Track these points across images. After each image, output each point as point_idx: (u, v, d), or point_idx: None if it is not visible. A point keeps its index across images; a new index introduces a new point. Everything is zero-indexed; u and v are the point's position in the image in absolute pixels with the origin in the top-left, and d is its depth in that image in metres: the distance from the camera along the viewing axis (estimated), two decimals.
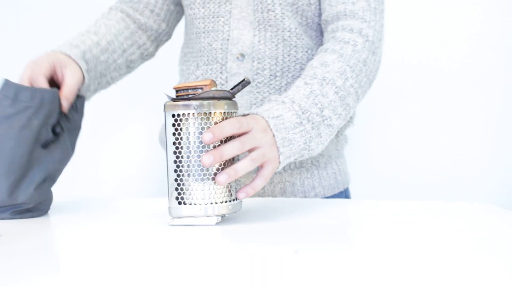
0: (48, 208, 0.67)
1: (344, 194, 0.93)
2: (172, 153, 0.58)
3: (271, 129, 0.63)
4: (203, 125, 0.57)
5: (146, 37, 0.92)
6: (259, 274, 0.42)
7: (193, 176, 0.57)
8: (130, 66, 0.91)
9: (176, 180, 0.58)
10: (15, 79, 0.67)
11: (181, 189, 0.58)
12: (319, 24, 0.85)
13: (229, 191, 0.59)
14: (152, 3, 0.90)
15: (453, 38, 1.37)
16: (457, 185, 1.39)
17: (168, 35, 0.96)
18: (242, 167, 0.59)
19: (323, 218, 0.65)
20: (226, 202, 0.59)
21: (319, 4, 0.83)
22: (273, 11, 0.81)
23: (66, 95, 0.69)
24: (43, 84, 0.67)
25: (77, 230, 0.59)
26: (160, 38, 0.95)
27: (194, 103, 0.57)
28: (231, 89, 0.61)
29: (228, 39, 0.82)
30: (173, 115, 0.58)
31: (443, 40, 1.37)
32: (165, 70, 1.11)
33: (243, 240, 0.55)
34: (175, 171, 0.58)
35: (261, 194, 0.84)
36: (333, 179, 0.90)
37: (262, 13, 0.81)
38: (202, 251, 0.50)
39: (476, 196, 1.35)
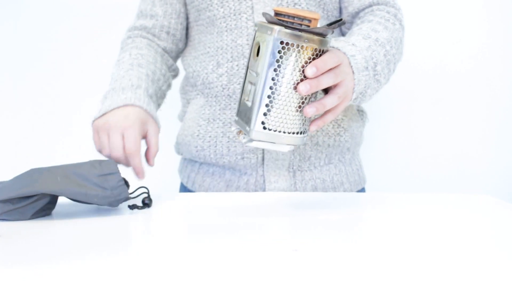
0: (53, 207, 0.67)
1: (363, 191, 0.94)
2: (270, 79, 0.58)
3: (351, 66, 0.67)
4: (306, 59, 0.59)
5: (171, 58, 0.93)
6: (257, 274, 0.42)
7: (283, 104, 0.59)
8: (167, 90, 0.91)
9: (267, 105, 0.59)
10: (13, 75, 0.66)
11: (270, 115, 0.59)
12: (335, 16, 0.87)
13: (303, 124, 0.62)
14: (166, 25, 0.90)
15: (465, 38, 1.37)
16: (460, 184, 1.39)
17: (183, 50, 0.96)
18: (329, 102, 0.62)
19: (325, 213, 0.65)
20: (300, 133, 0.62)
21: None
22: (299, 5, 0.82)
23: (153, 154, 0.73)
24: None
25: (78, 230, 0.58)
26: (179, 55, 0.96)
27: (305, 35, 0.58)
28: (329, 25, 0.60)
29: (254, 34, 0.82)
30: (281, 42, 0.58)
31: (450, 40, 1.37)
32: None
33: (242, 237, 0.55)
34: (269, 96, 0.59)
35: (293, 191, 0.84)
36: (357, 175, 0.92)
37: (287, 6, 0.82)
38: (202, 249, 0.50)
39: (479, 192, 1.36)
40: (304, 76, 0.59)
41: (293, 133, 0.61)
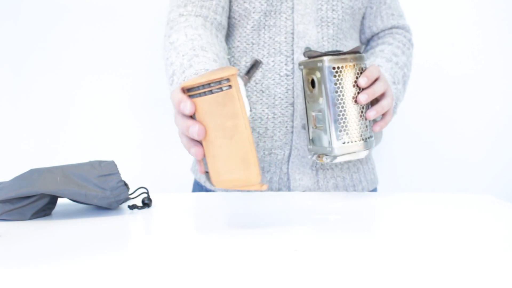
0: (53, 207, 0.67)
1: (376, 191, 0.97)
2: (334, 99, 0.68)
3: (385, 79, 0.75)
4: (355, 75, 0.69)
5: (222, 36, 0.89)
6: (257, 273, 0.42)
7: (350, 117, 0.69)
8: None
9: (339, 123, 0.69)
10: (14, 74, 0.66)
11: (343, 130, 0.69)
12: (357, 27, 0.93)
13: (368, 130, 0.71)
14: (222, 0, 0.85)
15: (465, 39, 1.37)
16: (460, 184, 1.39)
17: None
18: (386, 104, 0.72)
19: (323, 213, 0.65)
20: (370, 138, 0.71)
21: (364, 14, 0.93)
22: (337, 11, 0.85)
23: None
24: None
25: (78, 230, 0.58)
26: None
27: (349, 56, 0.69)
28: (246, 73, 0.65)
29: (292, 33, 0.83)
30: (333, 68, 0.68)
31: (453, 41, 1.37)
32: None
33: (241, 238, 0.54)
34: (338, 115, 0.68)
35: (316, 188, 0.85)
36: (372, 174, 0.94)
37: (326, 12, 0.84)
38: (202, 249, 0.50)
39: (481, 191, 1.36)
40: (358, 89, 0.69)
41: (365, 139, 0.70)
